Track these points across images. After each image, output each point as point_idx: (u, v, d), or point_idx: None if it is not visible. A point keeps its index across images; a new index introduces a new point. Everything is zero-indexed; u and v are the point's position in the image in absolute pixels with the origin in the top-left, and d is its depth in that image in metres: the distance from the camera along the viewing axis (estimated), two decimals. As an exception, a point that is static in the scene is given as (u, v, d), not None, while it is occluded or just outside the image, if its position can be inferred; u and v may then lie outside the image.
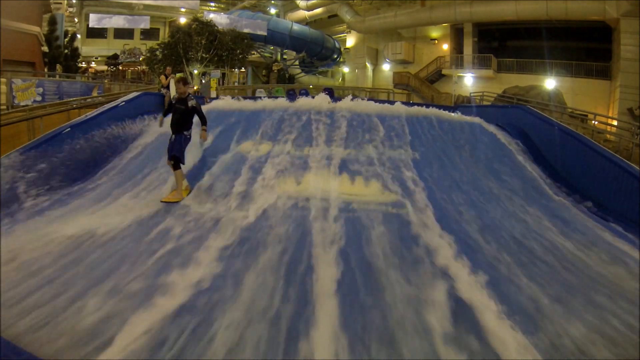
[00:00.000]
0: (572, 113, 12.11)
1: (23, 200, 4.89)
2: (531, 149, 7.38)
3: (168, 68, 12.46)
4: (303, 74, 28.80)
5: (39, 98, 10.32)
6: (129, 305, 2.83)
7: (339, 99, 7.59)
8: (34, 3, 16.14)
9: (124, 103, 7.97)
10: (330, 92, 12.79)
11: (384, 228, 4.05)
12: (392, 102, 9.21)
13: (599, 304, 3.20)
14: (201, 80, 16.35)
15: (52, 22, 17.87)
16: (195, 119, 4.95)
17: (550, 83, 17.47)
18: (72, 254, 3.65)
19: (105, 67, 26.41)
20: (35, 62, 15.35)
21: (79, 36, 24.39)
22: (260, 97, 11.04)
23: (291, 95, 11.38)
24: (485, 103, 15.66)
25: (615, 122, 12.20)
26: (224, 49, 19.68)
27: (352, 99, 7.03)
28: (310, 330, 2.64)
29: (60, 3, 20.03)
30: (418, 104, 11.20)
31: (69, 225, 4.15)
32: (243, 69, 27.30)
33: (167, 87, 9.86)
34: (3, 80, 9.82)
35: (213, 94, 13.32)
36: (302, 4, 27.44)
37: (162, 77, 10.38)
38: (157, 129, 6.17)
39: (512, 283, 3.39)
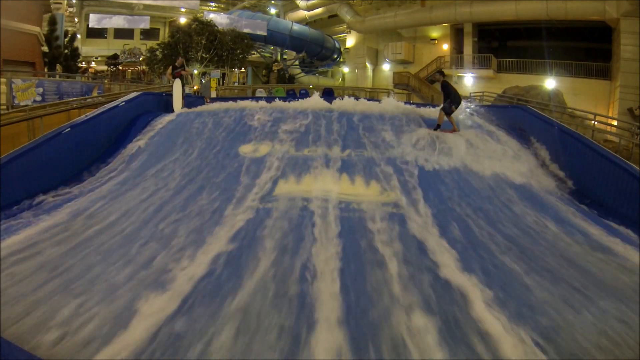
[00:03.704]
0: (572, 113, 12.09)
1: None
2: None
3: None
4: (303, 74, 28.81)
5: (39, 98, 10.31)
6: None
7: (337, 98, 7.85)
8: (34, 3, 16.13)
9: (124, 103, 7.97)
10: (329, 92, 12.80)
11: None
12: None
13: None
14: (201, 80, 16.34)
15: (52, 22, 17.85)
16: None
17: (550, 83, 17.48)
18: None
19: (105, 67, 26.38)
20: (35, 62, 15.34)
21: (79, 36, 24.37)
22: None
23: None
24: (485, 103, 15.65)
25: (615, 122, 12.19)
26: (224, 49, 19.71)
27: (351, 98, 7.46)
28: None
29: (60, 3, 20.02)
30: (417, 104, 11.21)
31: None
32: (243, 69, 27.32)
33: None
34: (3, 80, 9.81)
35: (213, 94, 13.32)
36: (302, 4, 27.44)
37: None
38: None
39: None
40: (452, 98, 7.14)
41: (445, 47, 22.36)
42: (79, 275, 3.31)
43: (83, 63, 24.38)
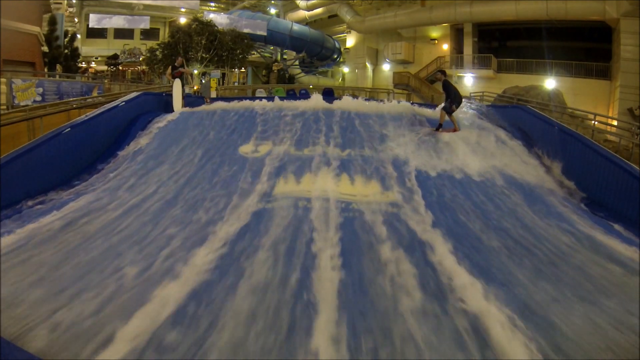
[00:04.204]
0: (572, 114, 12.09)
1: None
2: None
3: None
4: (303, 74, 28.82)
5: (39, 98, 10.31)
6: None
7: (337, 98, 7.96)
8: (34, 3, 16.13)
9: (124, 103, 7.97)
10: (329, 92, 12.81)
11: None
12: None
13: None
14: (201, 80, 16.35)
15: (52, 22, 17.85)
16: None
17: (550, 83, 17.47)
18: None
19: (105, 67, 26.40)
20: (35, 62, 15.34)
21: (79, 36, 24.38)
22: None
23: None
24: (485, 103, 15.64)
25: (615, 122, 12.19)
26: (224, 49, 19.71)
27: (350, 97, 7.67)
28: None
29: (60, 3, 20.01)
30: (416, 104, 11.22)
31: None
32: (243, 69, 27.32)
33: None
34: (3, 80, 9.80)
35: (213, 94, 13.32)
36: (302, 4, 27.44)
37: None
38: None
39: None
40: (452, 97, 7.21)
41: (445, 47, 22.36)
42: (136, 231, 4.06)
43: (83, 63, 24.39)
